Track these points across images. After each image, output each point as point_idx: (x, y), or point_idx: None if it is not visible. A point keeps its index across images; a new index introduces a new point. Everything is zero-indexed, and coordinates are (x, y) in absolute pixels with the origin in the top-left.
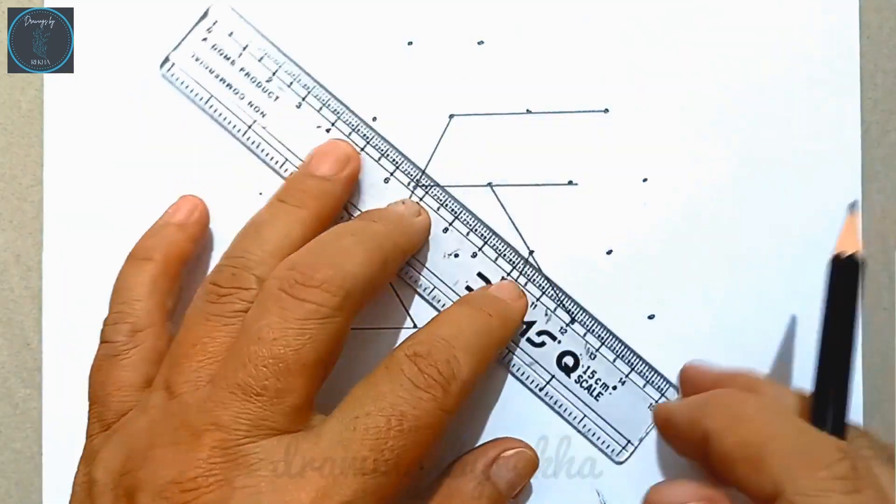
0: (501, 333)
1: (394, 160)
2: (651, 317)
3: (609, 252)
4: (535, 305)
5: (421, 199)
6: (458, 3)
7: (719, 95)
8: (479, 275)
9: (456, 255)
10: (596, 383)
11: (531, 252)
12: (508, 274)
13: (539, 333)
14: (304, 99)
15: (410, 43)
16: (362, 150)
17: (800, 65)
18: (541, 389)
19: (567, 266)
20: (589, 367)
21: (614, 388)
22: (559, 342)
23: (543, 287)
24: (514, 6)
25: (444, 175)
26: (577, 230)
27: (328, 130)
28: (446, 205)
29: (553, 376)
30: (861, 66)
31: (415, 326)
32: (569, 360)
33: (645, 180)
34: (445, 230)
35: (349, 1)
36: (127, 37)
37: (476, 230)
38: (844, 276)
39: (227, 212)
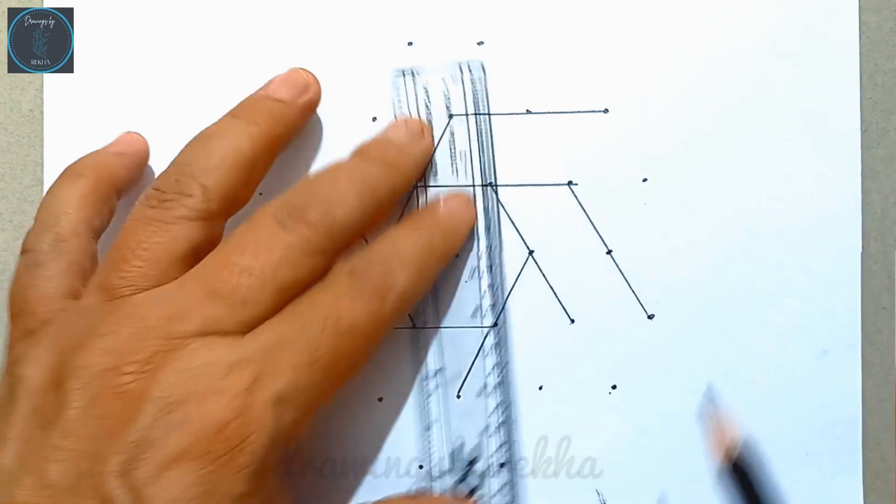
0: (444, 247)
1: None
2: (651, 317)
3: (609, 252)
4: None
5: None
6: (458, 4)
7: (719, 95)
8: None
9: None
10: None
11: (531, 252)
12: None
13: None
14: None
15: (410, 43)
16: None
17: (800, 65)
18: None
19: (566, 266)
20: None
21: None
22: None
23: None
24: (513, 6)
25: (443, 175)
26: (576, 230)
27: None
28: None
29: None
30: (860, 66)
31: (413, 326)
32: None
33: (645, 180)
34: None
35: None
36: (127, 37)
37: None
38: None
39: None
